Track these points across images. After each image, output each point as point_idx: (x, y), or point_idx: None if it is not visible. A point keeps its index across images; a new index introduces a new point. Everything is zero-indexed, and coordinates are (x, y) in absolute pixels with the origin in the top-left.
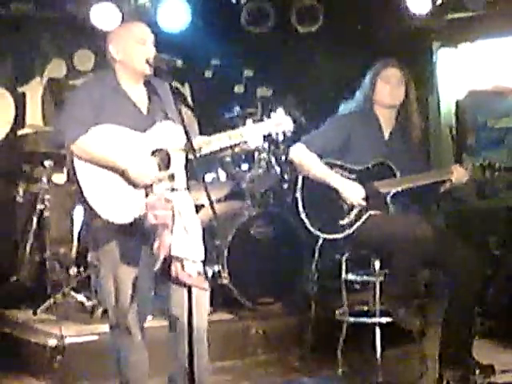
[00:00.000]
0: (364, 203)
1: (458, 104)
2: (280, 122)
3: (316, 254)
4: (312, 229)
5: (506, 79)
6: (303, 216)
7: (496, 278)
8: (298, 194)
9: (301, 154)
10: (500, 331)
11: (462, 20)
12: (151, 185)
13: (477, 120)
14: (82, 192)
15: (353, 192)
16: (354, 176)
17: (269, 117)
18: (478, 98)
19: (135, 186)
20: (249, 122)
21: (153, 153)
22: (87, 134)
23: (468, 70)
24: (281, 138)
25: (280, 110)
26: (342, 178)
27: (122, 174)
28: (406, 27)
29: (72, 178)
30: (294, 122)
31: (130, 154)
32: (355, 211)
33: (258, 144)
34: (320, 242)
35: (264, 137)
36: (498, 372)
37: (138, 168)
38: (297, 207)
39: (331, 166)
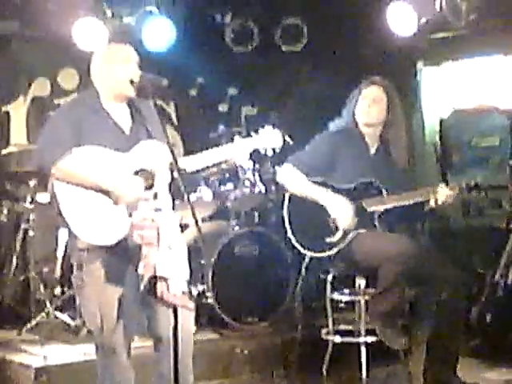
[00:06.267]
0: (353, 225)
1: (442, 123)
2: (268, 137)
3: (302, 273)
4: (299, 247)
5: (489, 98)
6: (290, 234)
7: (481, 297)
8: (285, 212)
9: (289, 176)
10: (485, 350)
11: (445, 39)
12: (135, 205)
13: (461, 139)
14: (62, 216)
15: (342, 210)
16: (340, 195)
17: (256, 132)
18: (462, 117)
19: (119, 203)
20: (236, 138)
21: (136, 173)
22: (68, 156)
23: (452, 88)
24: (270, 153)
25: (268, 126)
26: (331, 195)
27: (106, 193)
28: (390, 46)
29: (52, 201)
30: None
31: (112, 175)
32: (342, 229)
33: (245, 160)
34: (306, 260)
35: (251, 154)
36: None
37: (121, 186)
38: (283, 225)
39: (318, 185)
